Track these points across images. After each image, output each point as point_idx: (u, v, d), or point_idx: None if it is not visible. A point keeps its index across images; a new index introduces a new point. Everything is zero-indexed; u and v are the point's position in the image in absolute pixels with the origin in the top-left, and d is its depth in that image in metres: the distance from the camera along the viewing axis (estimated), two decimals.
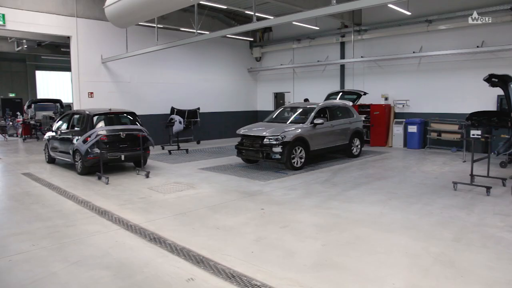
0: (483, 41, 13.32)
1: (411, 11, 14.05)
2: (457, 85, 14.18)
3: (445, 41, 14.24)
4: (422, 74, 15.05)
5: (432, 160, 12.19)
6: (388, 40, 15.79)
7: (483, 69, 13.53)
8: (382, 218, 6.56)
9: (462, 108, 13.23)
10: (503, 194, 7.92)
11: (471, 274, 4.48)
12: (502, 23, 12.98)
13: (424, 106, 14.97)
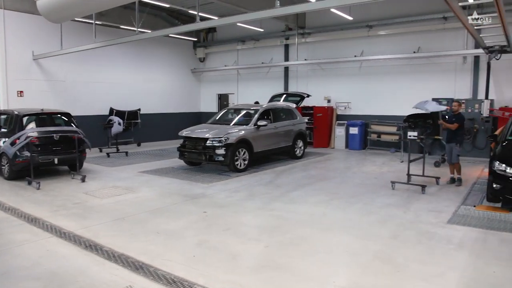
0: (419, 47, 14.01)
1: (353, 16, 14.49)
2: (395, 88, 14.81)
3: (384, 46, 14.83)
4: (363, 77, 15.57)
5: (372, 160, 12.61)
6: (331, 44, 16.19)
7: (419, 74, 14.32)
8: (324, 218, 6.65)
9: (400, 111, 13.72)
10: (436, 192, 8.33)
11: (406, 269, 4.63)
12: (437, 31, 13.75)
13: (365, 108, 15.49)
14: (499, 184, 6.80)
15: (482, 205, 7.28)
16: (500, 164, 6.86)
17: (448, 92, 13.61)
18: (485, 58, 12.34)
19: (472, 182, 9.28)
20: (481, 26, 11.23)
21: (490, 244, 5.45)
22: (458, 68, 13.71)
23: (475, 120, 12.59)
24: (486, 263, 4.81)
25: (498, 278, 4.41)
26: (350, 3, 8.35)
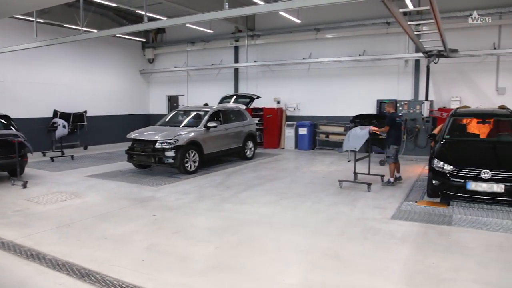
0: (365, 50, 14.55)
1: (301, 19, 14.81)
2: (343, 89, 15.29)
3: (332, 49, 15.27)
4: (311, 79, 15.94)
5: (321, 160, 12.93)
6: (280, 46, 16.43)
7: (365, 76, 14.88)
8: (274, 217, 6.73)
9: (347, 111, 14.22)
10: (381, 190, 8.68)
11: (353, 264, 4.80)
12: (381, 35, 14.35)
13: (313, 109, 15.85)
14: (438, 181, 7.20)
15: (423, 200, 7.67)
16: (438, 162, 7.27)
17: (392, 93, 14.27)
18: (425, 62, 13.02)
19: (414, 179, 9.77)
20: (420, 31, 11.91)
21: (429, 237, 5.75)
22: (401, 71, 14.38)
23: (417, 120, 13.27)
24: (426, 255, 5.07)
25: (436, 268, 4.67)
26: (297, 6, 8.51)
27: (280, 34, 16.31)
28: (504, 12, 12.79)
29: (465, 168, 6.95)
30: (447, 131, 8.42)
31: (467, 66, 13.43)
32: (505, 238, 5.71)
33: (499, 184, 6.65)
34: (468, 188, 6.82)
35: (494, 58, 13.19)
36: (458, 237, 5.75)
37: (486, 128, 8.84)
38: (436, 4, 7.48)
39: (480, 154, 7.58)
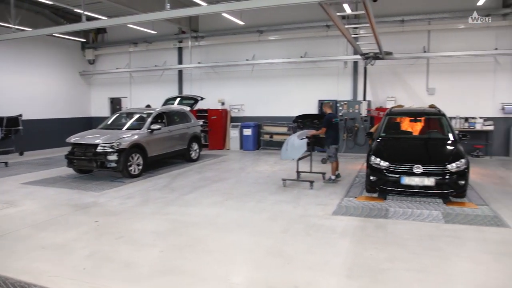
0: (306, 52, 14.97)
1: (244, 21, 14.96)
2: (286, 90, 15.63)
3: (274, 50, 15.57)
4: (255, 80, 16.15)
5: (265, 160, 13.14)
6: (224, 48, 16.50)
7: (307, 77, 15.30)
8: (219, 218, 6.78)
9: (290, 111, 14.53)
10: (323, 187, 9.00)
11: (296, 261, 4.94)
12: (321, 37, 14.83)
13: (257, 110, 16.08)
14: (375, 176, 7.59)
15: (362, 196, 8.05)
16: (375, 158, 7.66)
17: (332, 94, 14.80)
18: (362, 64, 13.65)
19: (354, 175, 10.21)
20: (358, 35, 12.44)
21: (368, 230, 6.05)
22: (340, 72, 14.95)
23: (356, 120, 13.85)
24: (365, 247, 5.34)
25: (374, 259, 4.93)
26: (238, 8, 8.63)
27: (223, 36, 16.40)
28: (433, 18, 13.70)
29: (399, 164, 7.40)
30: (383, 130, 8.91)
31: (401, 68, 14.24)
32: (436, 228, 6.13)
33: (430, 178, 7.14)
34: (402, 183, 7.26)
35: (424, 61, 14.09)
36: (394, 229, 6.10)
37: (418, 126, 9.42)
38: (371, 9, 7.88)
39: (412, 151, 8.09)
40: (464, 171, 7.22)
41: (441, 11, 13.61)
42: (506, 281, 4.38)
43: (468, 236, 5.79)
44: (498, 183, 9.46)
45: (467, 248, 5.34)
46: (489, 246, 5.39)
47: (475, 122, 13.50)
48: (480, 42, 13.38)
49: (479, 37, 13.45)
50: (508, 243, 5.52)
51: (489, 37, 13.35)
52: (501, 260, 4.91)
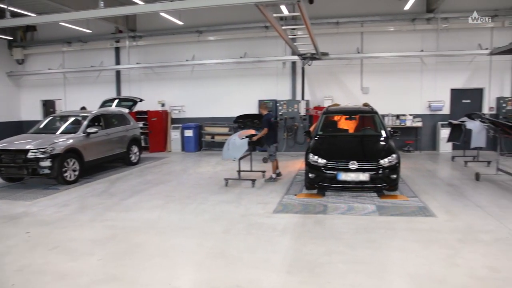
0: (246, 52, 15.09)
1: (183, 21, 14.81)
2: (226, 91, 15.68)
3: (214, 51, 15.56)
4: (195, 81, 16.04)
5: (207, 161, 13.10)
6: (163, 48, 16.22)
7: (247, 77, 15.44)
8: (160, 222, 6.68)
9: (231, 112, 14.61)
10: (264, 186, 9.14)
11: (238, 260, 5.00)
12: (260, 38, 15.03)
13: (198, 111, 15.99)
14: (313, 174, 7.83)
15: (302, 193, 8.26)
16: (313, 156, 7.90)
17: (272, 93, 15.07)
18: (300, 64, 13.98)
19: (294, 173, 10.46)
20: (296, 35, 12.74)
21: (307, 226, 6.23)
22: (279, 72, 15.24)
23: (295, 119, 14.19)
24: (304, 243, 5.50)
25: (313, 254, 5.10)
26: (175, 8, 8.53)
27: (162, 36, 16.12)
28: (365, 21, 14.36)
29: (336, 161, 7.68)
30: (320, 128, 9.20)
31: (337, 68, 14.78)
32: (370, 220, 6.45)
33: (365, 173, 7.49)
34: (339, 179, 7.55)
35: (358, 61, 14.73)
36: (332, 224, 6.33)
37: (353, 124, 9.85)
38: (305, 11, 8.09)
39: (348, 148, 8.43)
40: (395, 165, 7.63)
41: (373, 14, 14.31)
42: (432, 266, 4.71)
43: (399, 227, 6.14)
44: (426, 176, 10.11)
45: (399, 238, 5.67)
46: (418, 235, 5.76)
47: (406, 119, 14.32)
48: (408, 44, 14.23)
49: (407, 39, 14.29)
50: (435, 231, 5.93)
51: (416, 40, 14.24)
52: (428, 248, 5.27)
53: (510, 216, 6.58)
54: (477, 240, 5.53)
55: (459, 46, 13.76)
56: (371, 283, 4.34)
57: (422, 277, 4.43)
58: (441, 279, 4.37)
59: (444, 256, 5.00)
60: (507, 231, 5.87)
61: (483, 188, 8.64)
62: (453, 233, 5.80)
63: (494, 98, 14.26)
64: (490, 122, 9.86)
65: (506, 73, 14.23)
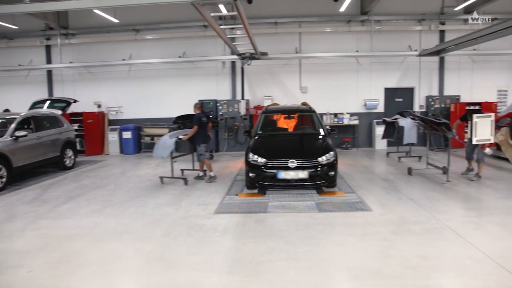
0: (184, 52, 14.87)
1: (119, 19, 14.30)
2: (165, 91, 15.37)
3: (152, 50, 15.19)
4: (133, 81, 15.56)
5: (147, 163, 12.75)
6: (99, 46, 15.58)
7: (186, 77, 15.23)
8: (97, 228, 6.39)
9: (171, 112, 14.31)
10: (205, 186, 9.06)
11: (178, 263, 4.91)
12: (199, 37, 14.87)
13: (137, 112, 15.54)
14: (254, 173, 7.86)
15: (243, 193, 8.28)
16: (253, 156, 7.94)
17: (212, 93, 15.01)
18: (240, 64, 14.03)
19: (236, 173, 10.47)
20: (235, 35, 12.77)
21: (248, 226, 6.25)
22: (219, 72, 15.20)
23: (236, 118, 14.22)
24: (245, 242, 5.52)
25: (253, 253, 5.13)
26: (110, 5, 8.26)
27: (97, 34, 15.49)
28: (303, 22, 14.69)
29: (275, 160, 7.77)
30: (260, 127, 9.29)
31: (276, 67, 15.00)
32: (310, 217, 6.59)
33: (304, 171, 7.64)
34: (279, 177, 7.65)
35: (297, 61, 15.04)
36: (272, 222, 6.40)
37: (292, 123, 10.02)
38: (242, 10, 8.12)
39: (288, 146, 8.56)
40: (333, 163, 7.86)
41: (310, 15, 14.68)
42: (368, 258, 4.90)
43: (338, 222, 6.33)
44: (363, 172, 10.52)
45: (337, 233, 5.84)
46: (355, 229, 5.97)
47: (343, 118, 14.83)
48: (344, 44, 14.75)
49: (343, 40, 14.81)
50: (370, 224, 6.18)
51: (351, 40, 14.80)
52: (364, 241, 5.49)
53: (438, 207, 7.02)
54: (409, 231, 5.83)
55: (391, 47, 14.53)
56: (310, 278, 4.43)
57: (359, 270, 4.60)
58: (377, 270, 4.56)
59: (379, 248, 5.23)
60: (436, 221, 6.25)
61: (415, 182, 9.14)
62: (388, 226, 6.08)
63: (424, 96, 15.18)
64: (420, 120, 10.44)
65: (434, 73, 15.19)
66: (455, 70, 15.14)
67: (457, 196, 7.87)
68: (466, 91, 15.12)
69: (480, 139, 8.47)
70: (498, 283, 4.24)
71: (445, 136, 9.02)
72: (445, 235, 5.66)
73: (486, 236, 5.62)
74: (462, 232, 5.71)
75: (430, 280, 4.33)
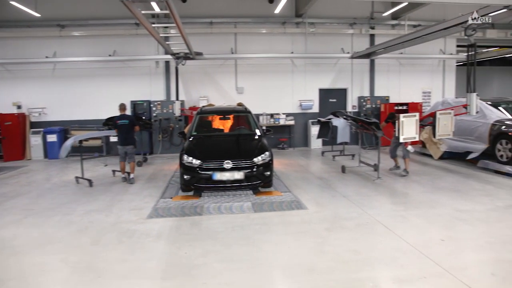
0: (115, 50, 14.21)
1: (41, 13, 13.35)
2: (95, 91, 14.55)
3: (80, 47, 14.32)
4: (58, 80, 14.58)
5: (74, 168, 11.89)
6: (18, 42, 14.35)
7: (117, 77, 14.56)
8: (16, 240, 5.82)
9: (101, 114, 13.49)
10: (138, 191, 8.67)
11: (108, 272, 4.62)
12: (131, 36, 14.27)
13: (63, 113, 14.55)
14: (188, 175, 7.63)
15: (178, 196, 8.03)
16: (188, 157, 7.72)
17: (145, 94, 14.51)
18: (174, 64, 13.67)
19: (170, 176, 10.16)
20: (169, 34, 12.44)
21: (183, 229, 6.04)
22: (153, 72, 14.71)
23: (170, 120, 13.85)
24: (179, 246, 5.32)
25: (189, 257, 4.95)
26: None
27: (16, 28, 14.22)
28: (238, 22, 14.65)
29: (210, 161, 7.61)
30: (194, 128, 9.09)
31: (212, 68, 14.83)
32: (246, 218, 6.52)
33: (239, 172, 7.54)
34: (215, 179, 7.49)
35: (233, 62, 14.98)
36: (208, 224, 6.24)
37: (227, 124, 9.91)
38: (174, 8, 7.88)
39: (223, 147, 8.43)
40: (268, 163, 7.85)
41: (246, 16, 14.68)
42: (303, 256, 4.93)
43: (273, 221, 6.32)
44: (299, 171, 10.65)
45: (273, 233, 5.82)
46: (290, 228, 5.99)
47: (279, 118, 14.99)
48: (279, 46, 14.93)
49: (279, 41, 14.98)
50: (305, 222, 6.23)
51: (287, 42, 15.01)
52: (299, 239, 5.52)
53: (369, 203, 7.26)
54: (342, 227, 5.95)
55: (325, 49, 14.96)
56: (246, 278, 4.36)
57: (294, 267, 4.60)
58: (311, 267, 4.58)
59: (313, 245, 5.28)
60: (367, 216, 6.44)
61: (348, 179, 9.40)
62: (322, 223, 6.16)
63: (356, 97, 15.76)
64: (352, 119, 10.78)
65: (365, 75, 15.83)
66: (385, 72, 15.90)
67: (387, 191, 8.19)
68: (394, 92, 15.92)
69: (406, 137, 8.89)
70: (421, 271, 4.45)
71: (376, 135, 9.36)
72: (375, 229, 5.85)
73: (412, 228, 5.88)
74: (391, 226, 5.94)
75: (362, 273, 4.44)
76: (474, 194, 7.78)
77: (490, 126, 9.96)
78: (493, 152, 9.87)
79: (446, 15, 12.60)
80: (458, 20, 8.74)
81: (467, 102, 8.80)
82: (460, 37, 12.41)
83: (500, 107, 10.51)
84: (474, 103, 8.69)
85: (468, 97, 8.75)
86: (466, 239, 5.44)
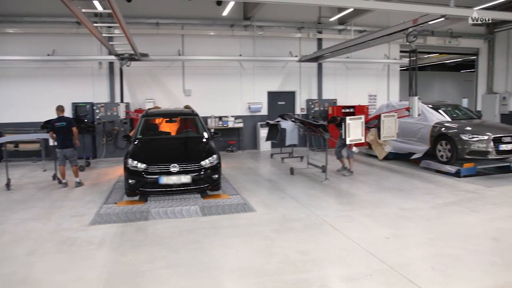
0: (54, 50, 13.49)
1: None
2: (33, 93, 13.67)
3: (15, 46, 13.41)
4: None
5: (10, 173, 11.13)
6: None
7: (57, 77, 13.82)
8: None
9: (39, 116, 12.65)
10: (81, 196, 8.25)
11: (46, 284, 4.35)
12: (71, 35, 13.58)
13: None
14: (133, 179, 7.36)
15: (122, 201, 7.72)
16: (132, 161, 7.45)
17: (88, 96, 13.90)
18: (118, 65, 13.18)
19: (115, 181, 9.78)
20: (113, 34, 12.01)
21: (127, 235, 5.81)
22: (96, 73, 14.13)
23: (115, 122, 13.38)
24: (123, 253, 5.10)
25: (133, 264, 4.77)
26: None
27: None
28: (186, 24, 14.45)
29: (156, 165, 7.39)
30: (140, 131, 8.82)
31: (158, 69, 14.51)
32: (193, 221, 6.41)
33: (186, 175, 7.38)
34: (161, 183, 7.29)
35: (180, 64, 14.74)
36: (154, 229, 6.05)
37: (174, 126, 9.70)
38: (117, 7, 7.59)
39: (169, 150, 8.25)
40: (216, 165, 7.75)
41: (193, 17, 14.49)
42: (251, 258, 4.90)
43: (222, 224, 6.24)
44: (247, 174, 10.63)
45: (221, 236, 5.73)
46: (239, 231, 5.94)
47: (228, 121, 14.92)
48: (228, 48, 14.87)
49: (227, 44, 14.93)
50: (253, 225, 6.21)
51: (235, 45, 14.99)
52: (248, 241, 5.48)
53: (317, 204, 7.36)
54: (291, 229, 5.98)
55: (274, 52, 15.08)
56: (194, 283, 4.27)
57: (242, 270, 4.55)
58: (259, 269, 4.56)
59: (262, 247, 5.26)
60: (315, 217, 6.52)
61: (296, 181, 9.50)
62: (270, 225, 6.16)
63: (304, 100, 16.03)
64: (300, 122, 10.92)
65: (313, 78, 16.14)
66: (332, 75, 16.30)
67: (335, 192, 8.36)
68: (342, 95, 16.36)
69: (352, 139, 9.11)
70: (367, 268, 4.55)
71: (323, 137, 9.54)
72: (323, 230, 5.93)
73: (358, 227, 6.02)
74: (338, 226, 6.04)
75: (310, 273, 4.46)
76: (417, 193, 8.12)
77: (431, 128, 10.44)
78: (434, 152, 10.36)
79: (390, 21, 13.13)
80: (400, 27, 9.11)
81: (409, 105, 9.17)
82: (403, 43, 12.95)
83: (440, 110, 11.06)
84: (416, 106, 9.05)
85: (410, 100, 9.11)
86: (409, 236, 5.64)
